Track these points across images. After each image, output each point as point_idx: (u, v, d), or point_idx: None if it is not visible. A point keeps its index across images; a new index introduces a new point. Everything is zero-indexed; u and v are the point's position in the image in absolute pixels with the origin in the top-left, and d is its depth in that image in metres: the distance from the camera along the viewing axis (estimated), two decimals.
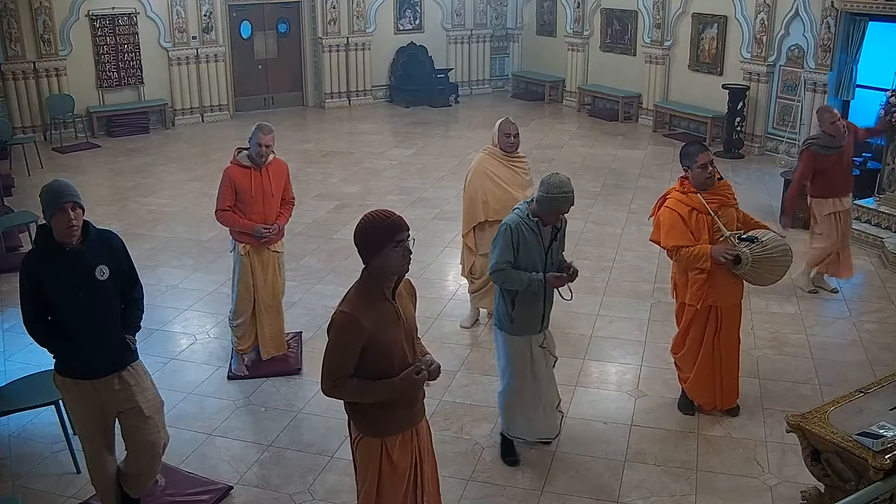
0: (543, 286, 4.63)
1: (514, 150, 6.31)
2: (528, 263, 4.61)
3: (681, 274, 5.25)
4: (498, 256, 4.62)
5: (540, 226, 4.63)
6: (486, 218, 6.30)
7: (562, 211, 4.62)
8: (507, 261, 4.59)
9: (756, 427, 5.33)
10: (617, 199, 10.23)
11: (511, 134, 6.24)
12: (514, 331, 4.76)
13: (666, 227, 5.10)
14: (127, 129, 13.86)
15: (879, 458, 3.51)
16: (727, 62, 12.87)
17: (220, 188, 5.80)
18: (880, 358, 6.23)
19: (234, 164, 5.79)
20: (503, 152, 6.29)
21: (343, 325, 3.31)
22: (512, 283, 4.61)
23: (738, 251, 4.96)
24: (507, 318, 4.74)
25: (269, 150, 5.79)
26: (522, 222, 4.61)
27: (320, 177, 11.41)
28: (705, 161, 5.02)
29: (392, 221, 3.34)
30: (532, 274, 4.59)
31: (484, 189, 6.27)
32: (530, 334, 4.79)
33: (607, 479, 4.85)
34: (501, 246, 4.61)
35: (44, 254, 3.98)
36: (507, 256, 4.59)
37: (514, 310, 4.70)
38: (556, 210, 4.59)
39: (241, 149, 5.86)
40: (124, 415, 4.24)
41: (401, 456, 3.54)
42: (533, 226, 4.60)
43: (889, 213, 8.54)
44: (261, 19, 15.41)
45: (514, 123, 6.30)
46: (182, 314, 7.14)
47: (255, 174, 5.76)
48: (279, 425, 5.44)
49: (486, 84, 17.80)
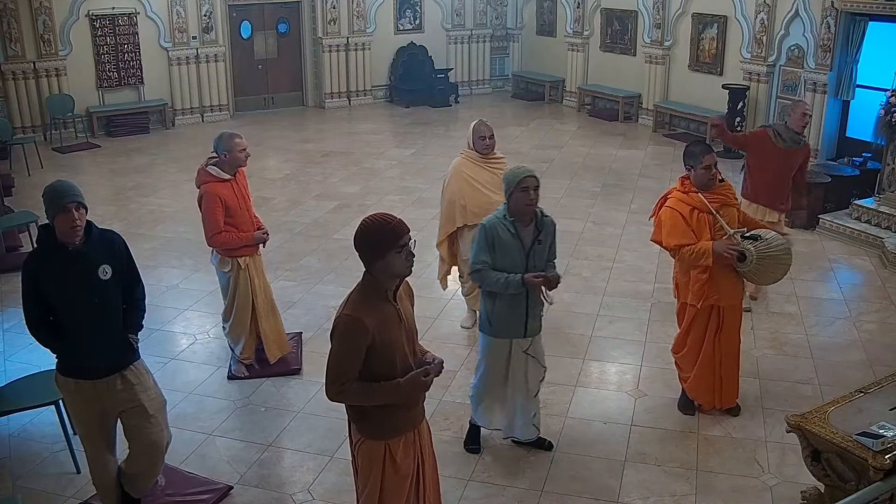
0: (523, 287, 4.61)
1: (490, 152, 6.28)
2: (506, 265, 4.60)
3: (683, 274, 5.25)
4: (475, 257, 4.64)
5: (518, 226, 4.61)
6: (466, 223, 6.26)
7: (529, 188, 4.51)
8: (483, 261, 4.60)
9: (756, 427, 5.34)
10: (617, 199, 10.23)
11: (486, 136, 6.20)
12: (493, 332, 4.79)
13: (667, 227, 5.10)
14: (127, 129, 13.86)
15: (879, 458, 3.51)
16: (727, 62, 12.87)
17: (209, 211, 5.50)
18: (880, 358, 6.23)
19: (210, 180, 5.53)
20: (479, 155, 6.27)
21: (348, 327, 3.31)
22: (490, 283, 4.62)
23: (742, 248, 4.97)
24: (487, 319, 4.77)
25: (249, 153, 5.69)
26: (499, 223, 4.61)
27: (320, 177, 11.41)
28: (710, 162, 5.02)
29: (394, 227, 3.34)
30: (509, 275, 4.58)
31: (462, 193, 6.24)
32: (512, 337, 4.78)
33: (607, 479, 4.85)
34: (478, 246, 4.63)
35: (46, 254, 3.98)
36: (484, 257, 4.60)
37: (493, 311, 4.72)
38: (523, 191, 4.51)
39: (206, 164, 5.61)
40: (127, 414, 4.24)
41: (404, 458, 3.54)
42: (509, 226, 4.60)
43: (889, 213, 8.55)
44: (261, 19, 15.41)
45: (488, 125, 6.27)
46: (182, 314, 7.14)
47: (234, 184, 5.61)
48: (279, 425, 5.44)
49: (486, 84, 17.80)
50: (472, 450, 5.12)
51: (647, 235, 5.60)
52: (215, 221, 5.53)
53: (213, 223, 5.55)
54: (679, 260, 5.19)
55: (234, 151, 5.54)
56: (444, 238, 6.49)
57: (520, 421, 5.00)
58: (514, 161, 12.30)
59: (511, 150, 12.43)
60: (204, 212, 5.59)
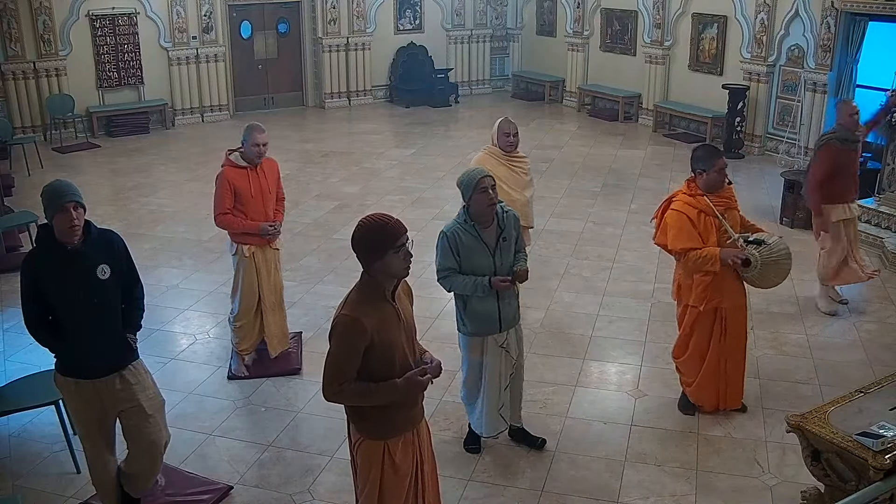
0: (492, 290, 4.61)
1: (514, 150, 6.32)
2: (474, 268, 4.61)
3: (686, 276, 5.23)
4: (439, 263, 4.66)
5: (479, 229, 4.60)
6: None
7: (488, 188, 4.48)
8: (448, 267, 4.62)
9: (756, 427, 5.33)
10: (617, 199, 10.22)
11: (511, 133, 6.23)
12: (468, 332, 4.81)
13: (674, 230, 5.07)
14: (127, 129, 13.86)
15: (879, 458, 3.51)
16: (727, 62, 12.87)
17: (218, 191, 5.75)
18: (880, 358, 6.23)
19: (229, 165, 5.74)
20: (503, 152, 6.30)
21: (346, 327, 3.30)
22: (458, 287, 4.65)
23: (747, 254, 4.96)
24: (461, 320, 4.80)
25: (265, 150, 5.78)
26: (459, 228, 4.60)
27: (320, 177, 11.41)
28: (723, 166, 5.03)
29: (391, 227, 3.34)
30: (477, 278, 4.59)
31: None
32: (487, 335, 4.80)
33: (607, 479, 4.84)
34: (441, 253, 4.64)
35: (45, 253, 3.98)
36: (448, 263, 4.62)
37: (465, 312, 4.75)
38: (482, 192, 4.48)
39: (231, 150, 5.82)
40: (125, 414, 4.24)
41: (403, 458, 3.54)
42: (471, 230, 4.59)
43: (889, 213, 8.55)
44: (261, 19, 15.40)
45: (513, 123, 6.30)
46: (182, 314, 7.14)
47: (252, 173, 5.75)
48: (279, 425, 5.44)
49: (486, 84, 17.80)
50: (472, 450, 5.12)
51: (647, 236, 5.60)
52: (221, 202, 5.75)
53: (219, 203, 5.75)
54: (684, 263, 5.16)
55: (248, 143, 5.70)
56: None
57: (485, 411, 4.92)
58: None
59: None
60: (214, 192, 5.81)
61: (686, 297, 5.27)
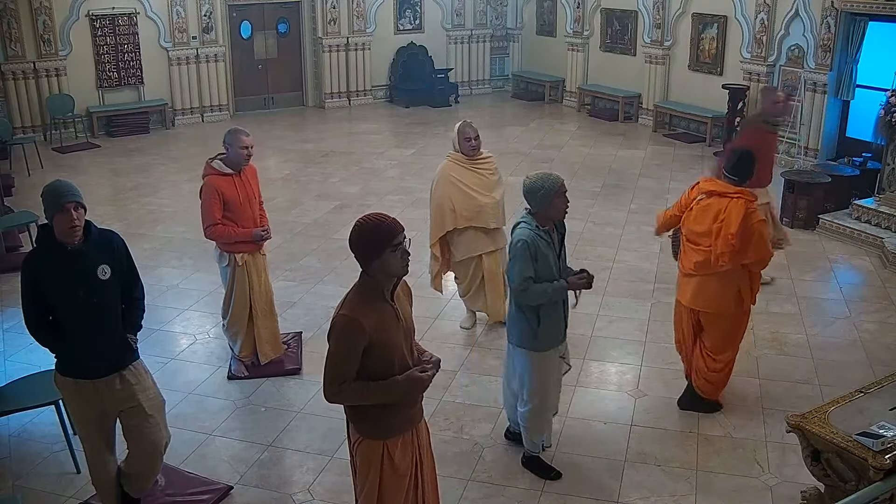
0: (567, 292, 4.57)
1: (477, 153, 6.27)
2: (546, 274, 4.49)
3: (744, 283, 5.16)
4: (518, 275, 4.43)
5: (550, 233, 4.55)
6: (455, 226, 6.26)
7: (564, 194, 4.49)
8: (528, 277, 4.43)
9: (756, 427, 5.34)
10: (617, 199, 10.22)
11: (471, 137, 6.19)
12: (540, 346, 4.61)
13: (763, 241, 5.07)
14: (127, 129, 13.86)
15: (879, 458, 3.51)
16: (727, 62, 12.87)
17: (206, 202, 5.55)
18: (880, 358, 6.23)
19: (213, 173, 5.57)
20: (466, 157, 6.26)
21: (345, 327, 3.31)
22: (538, 297, 4.46)
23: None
24: (532, 334, 4.57)
25: (252, 152, 5.67)
26: (535, 234, 4.47)
27: (320, 177, 11.41)
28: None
29: (387, 226, 3.34)
30: (554, 283, 4.48)
31: (450, 197, 6.23)
32: (555, 346, 4.69)
33: (607, 479, 4.85)
34: (522, 263, 4.43)
35: (45, 253, 3.98)
36: (528, 272, 4.43)
37: (539, 325, 4.55)
38: (561, 196, 4.48)
39: (211, 158, 5.65)
40: (125, 414, 4.24)
41: (402, 457, 3.54)
42: (544, 235, 4.50)
43: (889, 213, 8.55)
44: (261, 19, 15.40)
45: (473, 126, 6.26)
46: (182, 314, 7.14)
47: (237, 180, 5.62)
48: (279, 425, 5.44)
49: (486, 84, 17.80)
50: (556, 475, 4.85)
51: (647, 236, 5.61)
52: (211, 214, 5.57)
53: (209, 215, 5.59)
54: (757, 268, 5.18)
55: (234, 147, 5.55)
56: (436, 241, 6.47)
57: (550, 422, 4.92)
58: (514, 161, 12.33)
59: (511, 150, 12.47)
60: (202, 203, 5.65)
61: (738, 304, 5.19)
